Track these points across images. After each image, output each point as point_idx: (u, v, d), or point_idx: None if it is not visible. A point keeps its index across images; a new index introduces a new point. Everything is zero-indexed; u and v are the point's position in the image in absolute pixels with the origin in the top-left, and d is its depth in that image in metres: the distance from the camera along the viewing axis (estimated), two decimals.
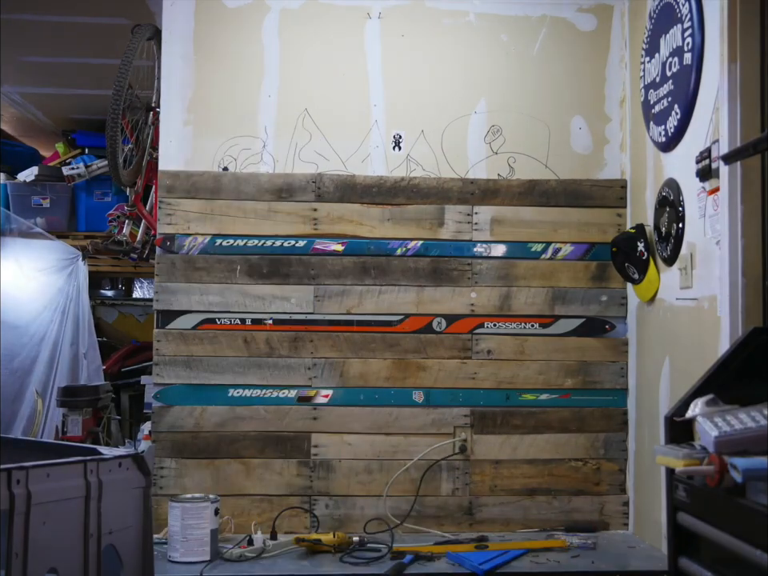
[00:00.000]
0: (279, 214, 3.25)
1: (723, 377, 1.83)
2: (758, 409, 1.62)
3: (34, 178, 5.12)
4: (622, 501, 3.25)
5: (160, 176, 3.28)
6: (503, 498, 3.21)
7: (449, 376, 3.20)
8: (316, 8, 3.31)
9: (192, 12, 3.29)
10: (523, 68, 3.35)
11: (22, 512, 1.63)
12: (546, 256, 3.29)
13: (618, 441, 3.26)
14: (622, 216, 3.32)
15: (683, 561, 1.74)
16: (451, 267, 3.26)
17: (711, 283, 2.53)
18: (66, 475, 1.76)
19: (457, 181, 3.29)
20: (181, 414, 3.18)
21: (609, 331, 3.29)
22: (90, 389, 4.10)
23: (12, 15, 4.00)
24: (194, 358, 3.19)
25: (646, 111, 3.07)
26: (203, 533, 2.77)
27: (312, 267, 3.24)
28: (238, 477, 3.16)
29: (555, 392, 3.25)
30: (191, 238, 3.23)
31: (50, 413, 4.32)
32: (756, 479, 1.47)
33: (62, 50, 4.54)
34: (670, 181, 2.87)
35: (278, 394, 3.20)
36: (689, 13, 2.68)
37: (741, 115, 2.40)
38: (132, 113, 3.75)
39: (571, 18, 3.36)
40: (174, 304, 3.21)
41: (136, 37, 3.48)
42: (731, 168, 2.38)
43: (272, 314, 3.22)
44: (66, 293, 4.63)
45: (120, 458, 1.91)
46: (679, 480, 1.72)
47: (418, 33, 3.33)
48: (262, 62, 3.30)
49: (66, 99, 5.33)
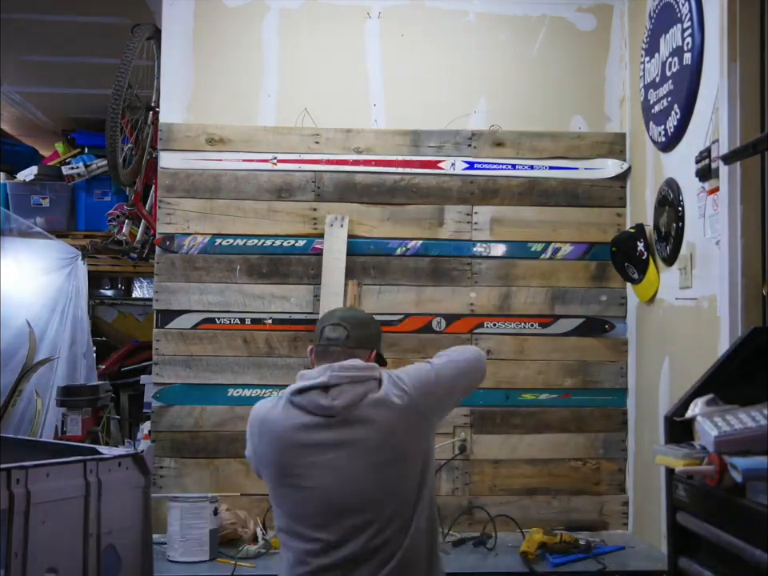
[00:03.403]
0: (279, 213, 3.25)
1: (723, 377, 1.82)
2: (757, 409, 1.62)
3: (34, 177, 5.11)
4: (622, 501, 3.25)
5: (159, 175, 3.28)
6: (503, 498, 3.21)
7: None
8: (316, 8, 3.31)
9: (192, 11, 3.29)
10: (523, 68, 3.35)
11: (21, 511, 1.63)
12: (546, 256, 3.29)
13: (618, 441, 3.26)
14: (621, 216, 3.32)
15: (683, 560, 1.74)
16: (451, 267, 3.26)
17: (711, 283, 2.53)
18: (65, 475, 1.76)
19: (456, 180, 3.29)
20: (180, 413, 3.18)
21: (608, 331, 3.29)
22: (90, 388, 4.09)
23: (12, 15, 3.99)
24: (194, 357, 3.19)
25: (646, 111, 3.07)
26: (202, 533, 2.77)
27: (312, 267, 3.23)
28: (237, 476, 3.16)
29: (555, 392, 3.25)
30: (191, 238, 3.23)
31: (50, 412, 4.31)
32: (756, 479, 1.47)
33: (61, 49, 4.53)
34: (670, 180, 2.87)
35: (278, 394, 3.18)
36: (689, 13, 2.68)
37: (741, 115, 2.39)
38: (132, 112, 3.74)
39: (571, 17, 3.36)
40: (173, 303, 3.21)
41: (136, 36, 3.47)
42: (731, 168, 2.38)
43: (272, 314, 3.22)
44: (65, 292, 4.62)
45: (120, 458, 1.91)
46: (679, 480, 1.72)
47: (418, 32, 3.33)
48: (262, 62, 3.30)
49: (66, 99, 5.33)
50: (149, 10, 3.87)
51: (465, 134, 3.29)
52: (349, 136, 3.28)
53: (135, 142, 3.85)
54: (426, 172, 3.28)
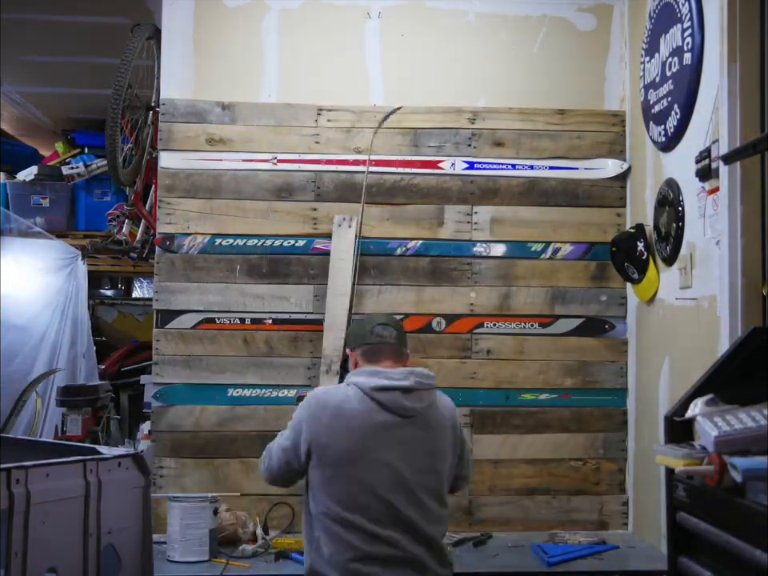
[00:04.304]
0: (279, 213, 3.25)
1: (723, 377, 1.83)
2: (757, 409, 1.62)
3: (34, 177, 5.11)
4: (622, 501, 3.25)
5: (159, 175, 3.28)
6: (503, 498, 3.21)
7: (448, 375, 3.19)
8: (316, 7, 3.31)
9: (192, 11, 3.29)
10: (523, 68, 3.35)
11: (21, 511, 1.63)
12: (546, 256, 3.29)
13: (618, 441, 3.26)
14: (621, 216, 3.32)
15: (683, 560, 1.74)
16: (451, 267, 3.26)
17: (711, 283, 2.53)
18: (65, 475, 1.76)
19: (456, 180, 3.29)
20: (180, 413, 3.18)
21: (608, 331, 3.29)
22: (90, 388, 4.09)
23: (12, 15, 3.99)
24: (194, 357, 3.19)
25: (646, 111, 3.07)
26: (202, 532, 2.76)
27: (312, 267, 3.24)
28: (237, 476, 3.16)
29: (555, 392, 3.25)
30: (191, 238, 3.23)
31: (50, 412, 4.31)
32: (756, 479, 1.47)
33: (61, 49, 4.53)
34: (670, 180, 2.87)
35: (278, 394, 3.20)
36: (688, 13, 2.68)
37: (741, 115, 2.40)
38: (132, 112, 3.74)
39: (571, 17, 3.36)
40: (173, 303, 3.21)
41: (135, 36, 3.47)
42: (731, 168, 2.38)
43: (271, 314, 3.22)
44: (65, 292, 4.61)
45: (119, 458, 1.91)
46: (679, 480, 1.72)
47: (418, 32, 3.33)
48: (262, 62, 3.30)
49: (66, 98, 5.32)
50: (149, 9, 3.87)
51: (465, 133, 3.29)
52: (349, 136, 3.28)
53: (135, 141, 3.85)
54: (426, 172, 3.28)
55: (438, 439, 2.35)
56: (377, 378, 2.29)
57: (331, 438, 2.27)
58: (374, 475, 2.24)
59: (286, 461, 2.36)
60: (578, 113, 3.26)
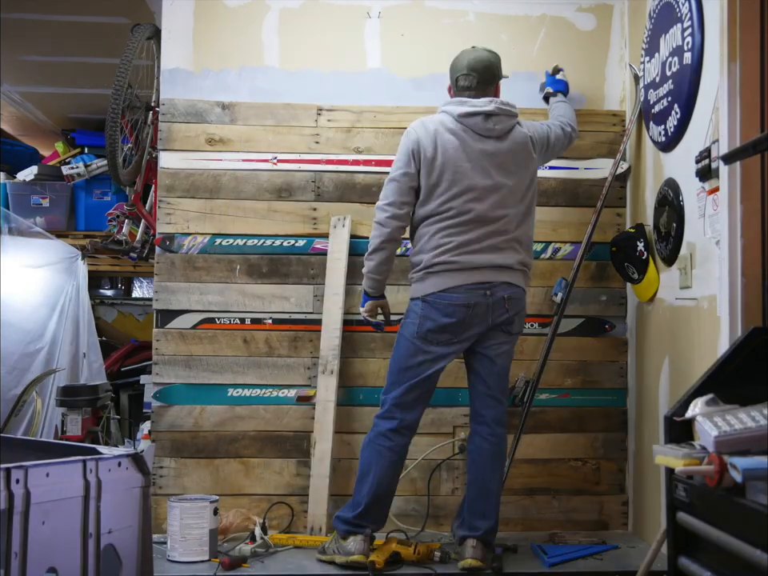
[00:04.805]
0: (279, 213, 3.25)
1: (723, 377, 1.83)
2: (757, 409, 1.63)
3: (34, 177, 5.12)
4: (622, 500, 3.25)
5: (159, 175, 3.28)
6: (503, 498, 3.19)
7: (448, 375, 3.17)
8: (316, 7, 3.31)
9: (192, 11, 3.29)
10: (523, 67, 3.34)
11: (21, 511, 1.63)
12: (546, 256, 3.29)
13: (618, 440, 3.26)
14: (621, 216, 3.32)
15: (683, 560, 1.74)
16: None
17: (711, 283, 2.53)
18: (65, 474, 1.76)
19: None
20: (180, 413, 3.18)
21: (608, 331, 3.29)
22: (90, 388, 4.09)
23: (12, 15, 3.99)
24: (194, 357, 3.19)
25: (646, 111, 3.07)
26: (202, 532, 2.76)
27: (312, 267, 3.24)
28: (237, 476, 3.16)
29: (555, 392, 3.25)
30: (191, 238, 3.23)
31: (50, 412, 4.31)
32: (756, 479, 1.47)
33: (61, 49, 4.54)
34: (670, 180, 2.87)
35: (278, 394, 3.20)
36: (689, 12, 2.68)
37: (741, 115, 2.39)
38: (131, 112, 3.74)
39: (571, 17, 3.36)
40: (173, 303, 3.21)
41: (135, 36, 3.47)
42: (731, 168, 2.38)
43: (271, 314, 3.22)
44: (65, 292, 4.62)
45: (119, 458, 1.91)
46: (679, 480, 1.72)
47: (418, 32, 3.33)
48: (262, 62, 3.30)
49: (66, 98, 5.33)
50: (149, 9, 3.87)
51: None
52: (349, 136, 3.28)
53: (135, 141, 3.85)
54: None
55: (521, 152, 2.78)
56: (461, 106, 2.74)
57: (439, 158, 2.70)
58: (467, 181, 2.70)
59: (415, 170, 2.72)
60: (577, 113, 3.25)
